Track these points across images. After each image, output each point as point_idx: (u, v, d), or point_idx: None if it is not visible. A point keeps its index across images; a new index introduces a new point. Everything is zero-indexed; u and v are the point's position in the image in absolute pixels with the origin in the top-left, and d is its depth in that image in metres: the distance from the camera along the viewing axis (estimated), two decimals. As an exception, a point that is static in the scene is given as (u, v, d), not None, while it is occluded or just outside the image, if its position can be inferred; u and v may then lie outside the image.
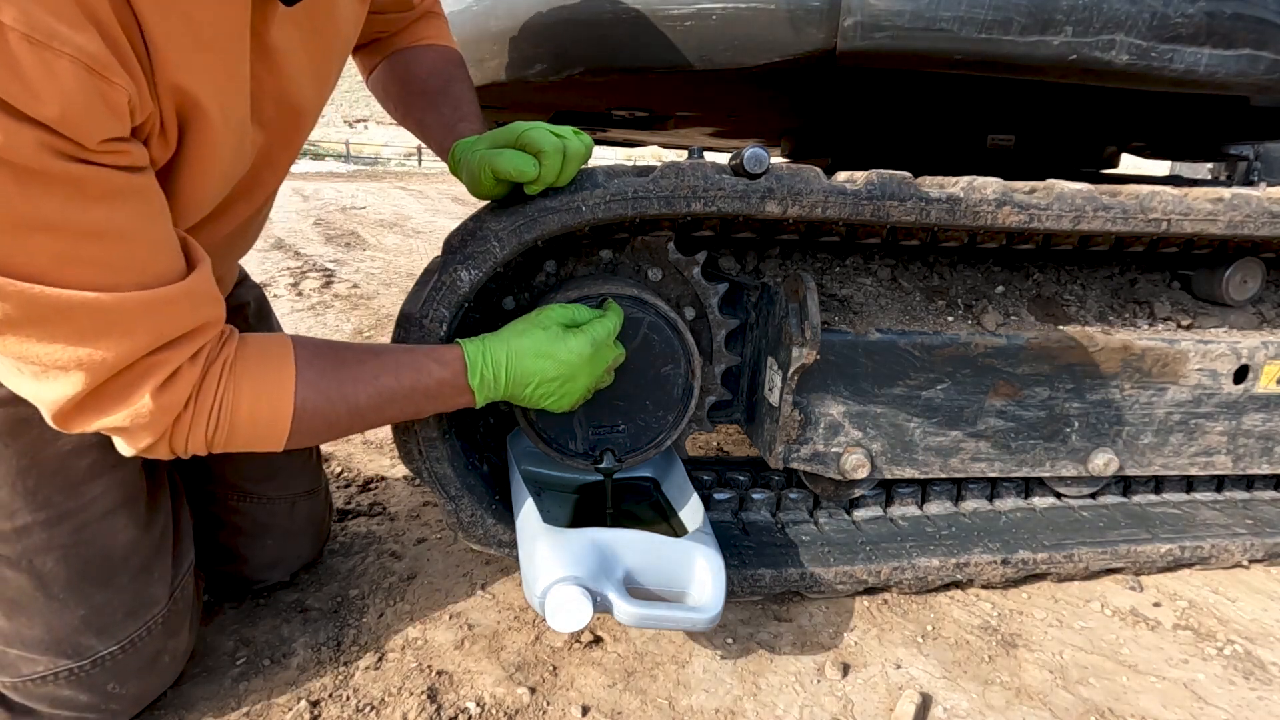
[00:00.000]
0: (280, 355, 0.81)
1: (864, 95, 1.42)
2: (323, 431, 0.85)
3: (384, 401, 0.87)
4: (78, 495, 0.86)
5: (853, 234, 1.17)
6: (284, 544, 1.21)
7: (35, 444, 0.84)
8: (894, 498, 1.35)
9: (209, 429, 0.76)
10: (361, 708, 0.98)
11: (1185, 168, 3.22)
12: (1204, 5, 1.02)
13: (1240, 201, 1.14)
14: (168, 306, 0.69)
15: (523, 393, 0.93)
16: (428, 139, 1.11)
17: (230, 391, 0.76)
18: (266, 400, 0.79)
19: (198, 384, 0.74)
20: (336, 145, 26.18)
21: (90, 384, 0.67)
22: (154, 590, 0.93)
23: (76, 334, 0.64)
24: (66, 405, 0.68)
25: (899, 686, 1.04)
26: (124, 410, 0.70)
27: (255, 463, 1.17)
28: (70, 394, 0.67)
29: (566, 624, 0.85)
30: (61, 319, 0.63)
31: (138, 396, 0.70)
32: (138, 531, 0.92)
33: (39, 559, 0.84)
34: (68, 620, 0.86)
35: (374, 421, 0.89)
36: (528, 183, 0.92)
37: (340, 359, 0.85)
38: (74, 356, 0.65)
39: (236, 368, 0.77)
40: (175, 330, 0.71)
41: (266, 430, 0.80)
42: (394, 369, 0.87)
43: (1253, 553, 1.35)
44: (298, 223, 6.48)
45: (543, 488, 1.16)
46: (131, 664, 0.91)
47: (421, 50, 1.13)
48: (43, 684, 0.87)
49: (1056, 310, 1.27)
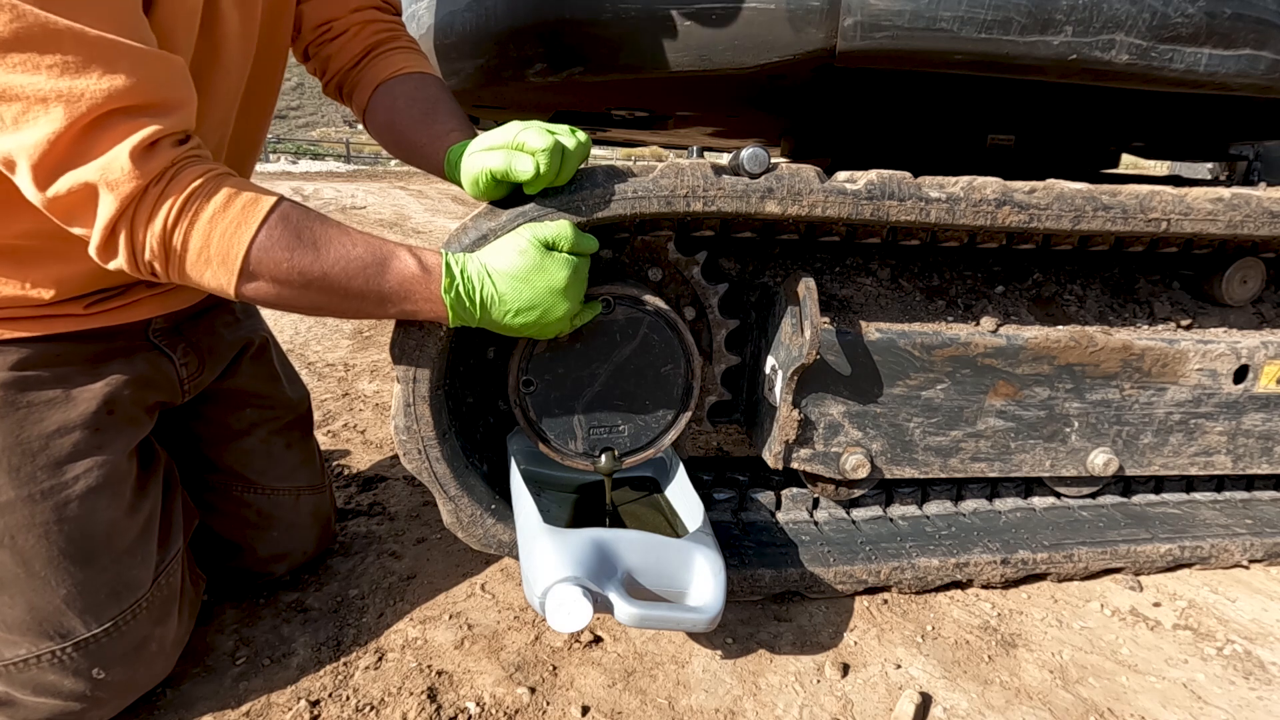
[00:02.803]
0: (263, 192, 0.81)
1: (864, 95, 1.42)
2: (281, 277, 0.81)
3: (351, 274, 0.83)
4: (60, 474, 0.88)
5: (853, 234, 1.17)
6: (288, 536, 1.21)
7: (20, 424, 0.86)
8: (894, 497, 1.35)
9: (170, 223, 0.74)
10: (361, 707, 0.98)
11: (1185, 168, 3.21)
12: (1204, 5, 1.02)
13: (1240, 201, 1.14)
14: (146, 60, 0.72)
15: (501, 320, 0.90)
16: (423, 158, 1.09)
17: (203, 191, 0.76)
18: (234, 217, 0.77)
19: (176, 165, 0.75)
20: (336, 145, 26.16)
21: (70, 121, 0.68)
22: (137, 573, 0.94)
23: (61, 63, 0.67)
24: (47, 150, 0.68)
25: (899, 686, 1.04)
26: (99, 161, 0.70)
27: (257, 453, 1.19)
28: (50, 132, 0.67)
29: (566, 624, 0.85)
30: (49, 43, 0.66)
31: (115, 149, 0.70)
32: (121, 513, 0.93)
33: (21, 536, 0.86)
34: (49, 599, 0.87)
35: (338, 292, 0.84)
36: (526, 182, 0.91)
37: (321, 217, 0.85)
38: (55, 88, 0.67)
39: (217, 179, 0.78)
40: (154, 89, 0.72)
41: (223, 250, 0.77)
42: (371, 246, 0.86)
43: (1252, 553, 1.35)
44: (298, 222, 6.47)
45: (543, 488, 1.16)
46: (116, 648, 0.91)
47: (399, 80, 1.13)
48: (25, 668, 0.87)
49: (1056, 310, 1.27)
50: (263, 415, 1.20)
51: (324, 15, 1.12)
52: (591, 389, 1.06)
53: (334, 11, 1.13)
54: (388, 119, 1.12)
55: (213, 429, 1.17)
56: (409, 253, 0.87)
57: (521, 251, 0.89)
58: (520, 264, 0.88)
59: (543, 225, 0.91)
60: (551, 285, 0.89)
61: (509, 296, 0.88)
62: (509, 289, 0.88)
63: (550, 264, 0.89)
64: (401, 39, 1.17)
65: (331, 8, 1.12)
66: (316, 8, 1.11)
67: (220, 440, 1.17)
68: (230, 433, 1.18)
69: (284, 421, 1.23)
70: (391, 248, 0.87)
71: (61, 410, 0.90)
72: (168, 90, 0.74)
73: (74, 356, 0.94)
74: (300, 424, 1.27)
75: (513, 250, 0.89)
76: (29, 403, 0.88)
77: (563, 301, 0.91)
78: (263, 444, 1.20)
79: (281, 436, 1.22)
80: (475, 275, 0.88)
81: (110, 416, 0.94)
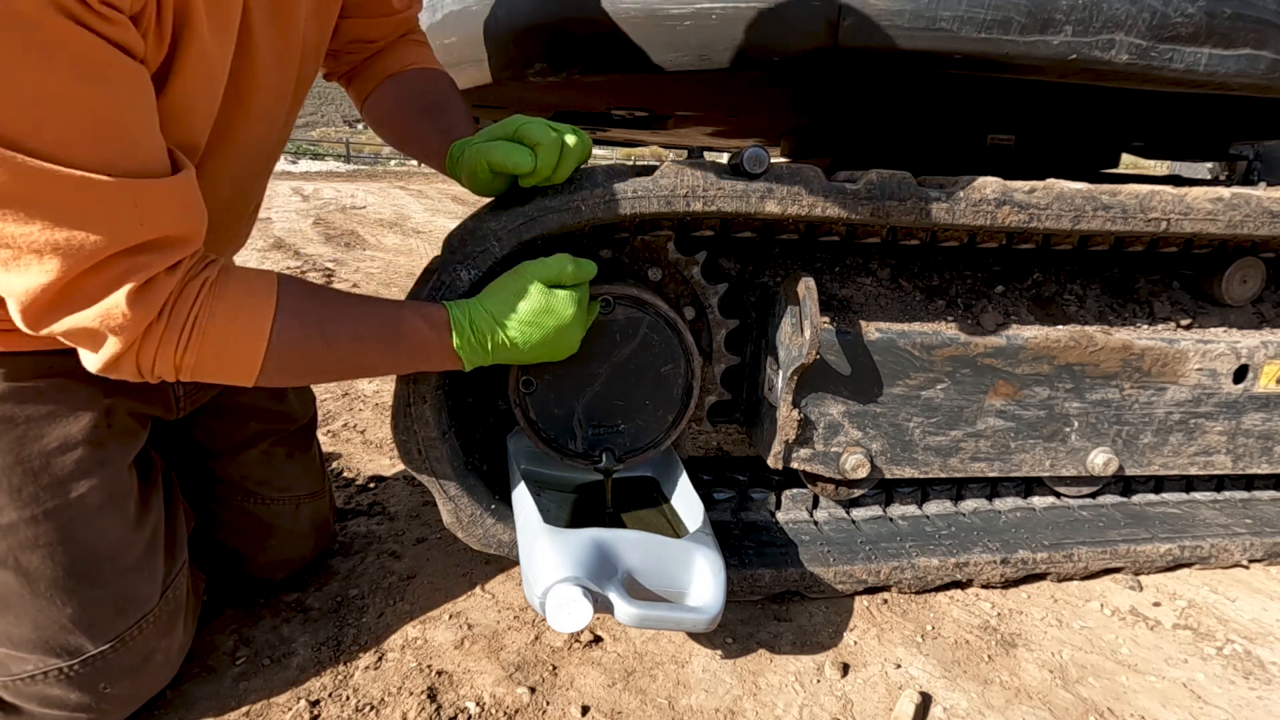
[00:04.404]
0: (263, 286, 0.79)
1: (864, 95, 1.42)
2: (296, 367, 0.83)
3: (365, 347, 0.85)
4: (64, 492, 0.86)
5: (852, 234, 1.17)
6: (287, 545, 1.21)
7: (20, 442, 0.84)
8: (894, 497, 1.35)
9: (179, 348, 0.73)
10: (361, 707, 0.98)
11: (1185, 167, 3.21)
12: (1204, 5, 1.02)
13: (1240, 201, 1.14)
14: (153, 200, 0.68)
15: (515, 359, 0.94)
16: (424, 152, 1.10)
17: (206, 311, 0.74)
18: (243, 327, 0.77)
19: (175, 296, 0.72)
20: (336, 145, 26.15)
21: (65, 272, 0.64)
22: (144, 588, 0.93)
23: (58, 214, 0.62)
24: (38, 296, 0.65)
25: (898, 686, 1.04)
26: (96, 309, 0.67)
27: (259, 464, 1.17)
28: (43, 282, 0.64)
29: (567, 624, 0.85)
30: (46, 195, 0.61)
31: (112, 297, 0.67)
32: (126, 529, 0.91)
33: (25, 556, 0.84)
34: (55, 618, 0.86)
35: (351, 365, 0.87)
36: (523, 175, 0.91)
37: (324, 299, 0.84)
38: (51, 240, 0.62)
39: (216, 289, 0.75)
40: (158, 229, 0.69)
41: (238, 360, 0.78)
42: (378, 317, 0.86)
43: (1252, 552, 1.35)
44: (297, 222, 6.48)
45: (543, 488, 1.16)
46: (123, 663, 0.90)
47: (411, 74, 1.13)
48: (32, 683, 0.86)
49: (1056, 310, 1.27)
50: (268, 428, 1.18)
51: (366, 34, 1.11)
52: (591, 389, 1.06)
53: (378, 32, 1.12)
54: (390, 111, 1.12)
55: (216, 440, 1.15)
56: (414, 314, 0.88)
57: (526, 297, 0.90)
58: (526, 309, 0.90)
59: (543, 265, 0.92)
60: (560, 323, 0.92)
61: (519, 340, 0.91)
62: (519, 334, 0.90)
63: (556, 304, 0.91)
64: (414, 32, 1.17)
65: (376, 28, 1.11)
66: (358, 26, 1.10)
67: (223, 452, 1.15)
68: (233, 445, 1.16)
69: (287, 432, 1.21)
70: (395, 313, 0.87)
71: (62, 425, 0.87)
72: (172, 225, 0.71)
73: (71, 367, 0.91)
74: (303, 433, 1.24)
75: (516, 296, 0.90)
76: (28, 417, 0.84)
77: (573, 332, 0.94)
78: (264, 455, 1.18)
79: (283, 447, 1.20)
80: (483, 325, 0.90)
81: (110, 430, 0.91)
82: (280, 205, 8.06)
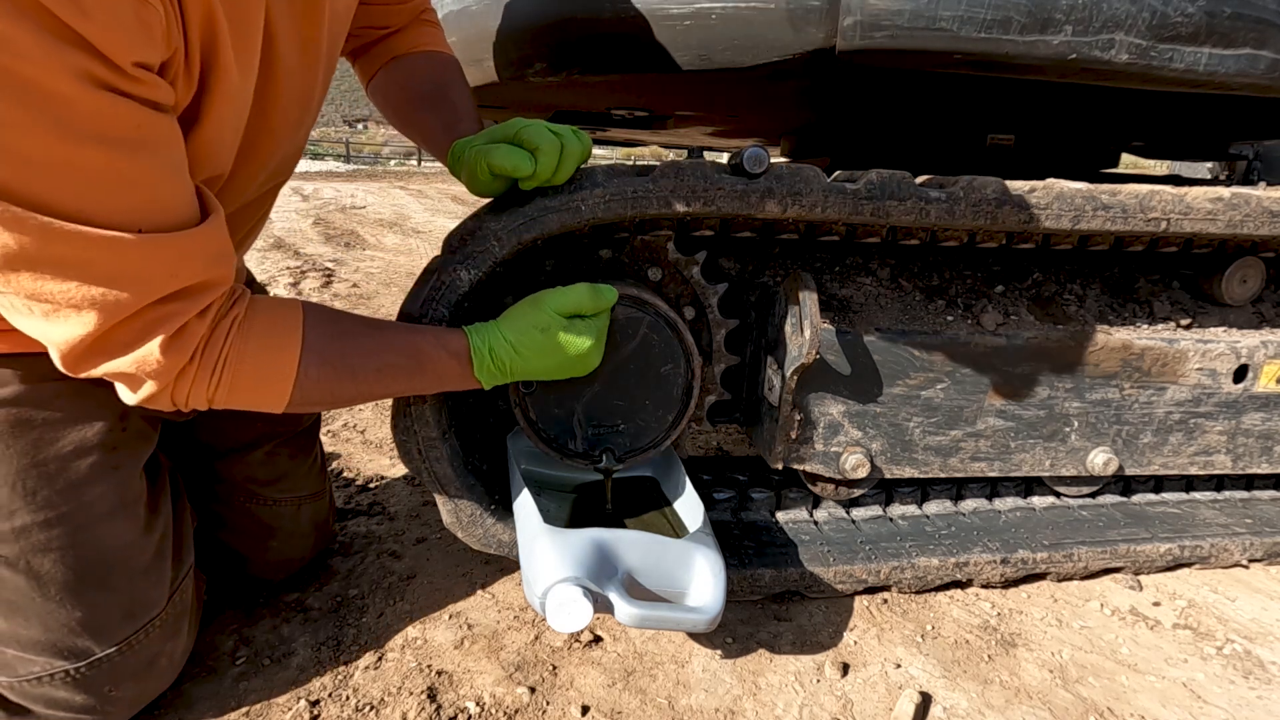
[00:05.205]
0: (288, 320, 0.81)
1: (863, 95, 1.42)
2: (323, 399, 0.86)
3: (388, 378, 0.88)
4: (78, 497, 0.86)
5: (852, 234, 1.17)
6: (288, 545, 1.21)
7: (36, 445, 0.84)
8: (894, 497, 1.35)
9: (211, 385, 0.76)
10: (361, 707, 0.98)
11: (1185, 167, 3.21)
12: (1204, 5, 1.02)
13: (1240, 201, 1.14)
14: (184, 252, 0.69)
15: (532, 378, 0.98)
16: (427, 142, 1.11)
17: (236, 350, 0.76)
18: (271, 362, 0.79)
19: (205, 339, 0.74)
20: (336, 145, 26.14)
21: (101, 326, 0.66)
22: (153, 593, 0.93)
23: (93, 273, 0.64)
24: (77, 346, 0.68)
25: (898, 686, 1.04)
26: (131, 357, 0.70)
27: (263, 465, 1.17)
28: (80, 334, 0.66)
29: (567, 624, 0.85)
30: (80, 256, 0.63)
31: (146, 345, 0.70)
32: (137, 534, 0.91)
33: (37, 560, 0.84)
34: (64, 621, 0.86)
35: (376, 394, 0.91)
36: (523, 178, 0.91)
37: (347, 331, 0.86)
38: (88, 296, 0.64)
39: (244, 327, 0.77)
40: (189, 278, 0.70)
41: (267, 392, 0.80)
42: (400, 348, 0.89)
43: (1252, 552, 1.35)
44: (297, 222, 6.48)
45: (543, 488, 1.16)
46: (129, 666, 0.91)
47: (419, 57, 1.13)
48: (39, 684, 0.86)
49: (1056, 310, 1.27)
50: (273, 429, 1.18)
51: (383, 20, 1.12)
52: (591, 389, 1.06)
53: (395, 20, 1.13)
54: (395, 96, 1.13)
55: (221, 441, 1.15)
56: (435, 343, 0.90)
57: (544, 330, 0.92)
58: (545, 342, 0.92)
59: (562, 296, 0.93)
60: (580, 352, 0.93)
61: (538, 366, 0.93)
62: (538, 361, 0.93)
63: (574, 336, 0.93)
64: (427, 11, 1.18)
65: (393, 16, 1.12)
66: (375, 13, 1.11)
67: (228, 452, 1.15)
68: (239, 446, 1.16)
69: (292, 434, 1.21)
70: (416, 342, 0.89)
71: (78, 429, 0.87)
72: (203, 272, 0.72)
73: None
74: (306, 434, 1.24)
75: (535, 328, 0.92)
76: (45, 420, 0.85)
77: (592, 358, 0.96)
78: (269, 456, 1.18)
79: (287, 448, 1.20)
80: (503, 354, 0.92)
81: (124, 434, 0.92)
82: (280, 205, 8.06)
